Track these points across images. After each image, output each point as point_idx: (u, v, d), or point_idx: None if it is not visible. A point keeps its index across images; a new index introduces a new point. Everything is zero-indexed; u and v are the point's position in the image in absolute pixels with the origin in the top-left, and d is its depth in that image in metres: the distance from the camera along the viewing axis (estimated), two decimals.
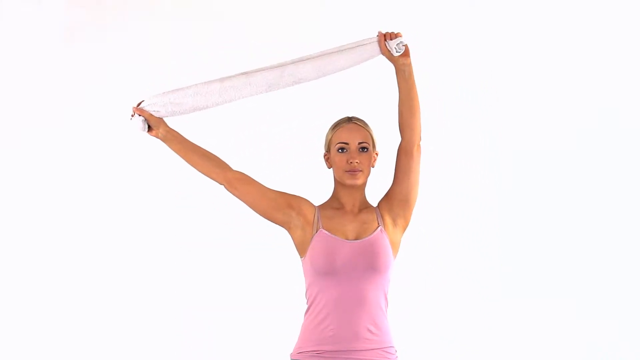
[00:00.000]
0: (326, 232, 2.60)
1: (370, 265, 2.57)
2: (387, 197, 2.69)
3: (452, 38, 4.38)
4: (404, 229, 2.69)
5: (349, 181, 2.62)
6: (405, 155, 2.64)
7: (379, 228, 2.62)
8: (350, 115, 2.70)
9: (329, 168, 2.70)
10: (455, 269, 4.34)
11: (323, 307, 2.57)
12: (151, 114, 2.70)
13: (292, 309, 3.03)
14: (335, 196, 2.69)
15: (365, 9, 4.34)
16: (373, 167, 2.68)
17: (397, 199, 2.66)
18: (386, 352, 2.59)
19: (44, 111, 4.29)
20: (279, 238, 2.94)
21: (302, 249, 2.63)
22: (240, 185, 2.66)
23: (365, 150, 2.64)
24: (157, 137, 2.73)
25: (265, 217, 2.67)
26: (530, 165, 4.38)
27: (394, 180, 2.68)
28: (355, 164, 2.61)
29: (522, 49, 4.40)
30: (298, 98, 4.15)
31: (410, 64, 2.62)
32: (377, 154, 2.69)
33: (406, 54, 2.62)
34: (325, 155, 2.70)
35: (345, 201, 2.67)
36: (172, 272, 4.29)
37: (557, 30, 4.40)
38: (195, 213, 4.29)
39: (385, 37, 2.61)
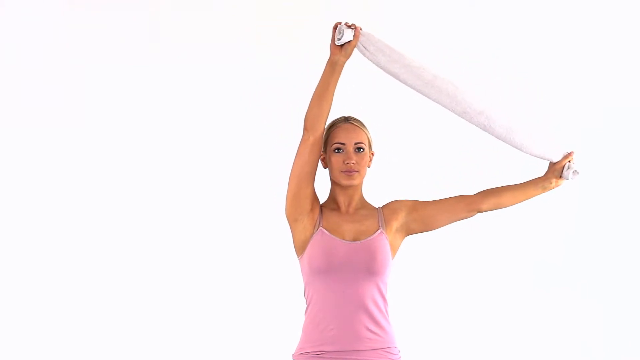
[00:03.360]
0: (325, 231, 2.60)
1: (367, 267, 2.57)
2: (413, 206, 2.69)
3: (453, 38, 4.38)
4: (405, 237, 2.70)
5: (345, 181, 2.62)
6: (466, 206, 2.68)
7: (379, 230, 2.62)
8: (346, 115, 2.70)
9: (325, 168, 2.69)
10: (458, 268, 4.33)
11: (321, 307, 2.57)
12: (358, 43, 2.56)
13: (294, 308, 3.03)
14: (332, 196, 2.69)
15: (361, 10, 4.34)
16: (369, 167, 2.68)
17: (422, 216, 2.67)
18: (388, 352, 2.59)
19: (44, 111, 4.29)
20: (280, 237, 2.94)
21: (301, 247, 2.63)
22: (316, 151, 2.58)
23: (362, 150, 2.63)
24: (333, 58, 2.56)
25: (291, 194, 2.61)
26: (531, 165, 4.36)
27: (434, 204, 2.69)
28: (352, 164, 2.61)
29: (522, 48, 4.39)
30: (297, 97, 4.15)
31: (550, 189, 2.72)
32: (373, 154, 2.69)
33: (560, 184, 2.71)
34: (321, 155, 2.70)
35: (342, 201, 2.67)
36: (174, 272, 4.29)
37: (560, 30, 4.39)
38: (196, 212, 4.29)
39: (569, 160, 2.69)
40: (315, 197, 2.64)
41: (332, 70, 2.55)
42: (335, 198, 2.68)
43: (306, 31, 4.29)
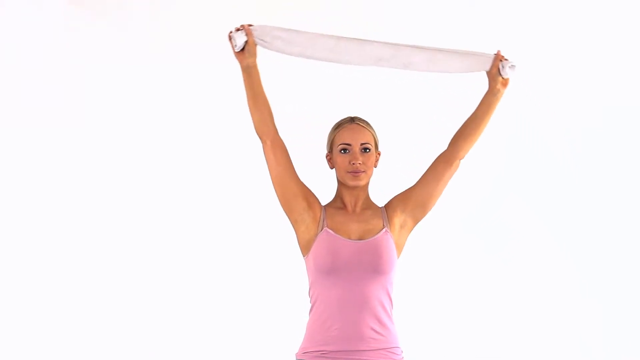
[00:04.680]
0: (330, 231, 2.60)
1: (372, 266, 2.56)
2: (405, 197, 2.69)
3: (453, 38, 4.38)
4: (411, 231, 2.69)
5: (351, 182, 2.62)
6: (445, 163, 2.68)
7: (384, 229, 2.62)
8: (352, 116, 2.70)
9: (331, 168, 2.70)
10: (459, 269, 4.34)
11: (326, 306, 2.57)
12: (255, 40, 2.58)
13: (298, 308, 3.03)
14: (338, 196, 2.69)
15: (361, 10, 4.34)
16: (375, 167, 2.69)
17: (416, 201, 2.67)
18: (392, 352, 2.59)
19: (44, 111, 4.28)
20: (284, 236, 2.94)
21: (305, 247, 2.63)
22: (280, 152, 2.63)
23: (368, 150, 2.64)
24: (242, 64, 2.59)
25: (280, 199, 2.64)
26: (532, 165, 4.38)
27: (420, 182, 2.69)
28: (358, 165, 2.61)
29: (522, 48, 4.39)
30: (300, 98, 4.16)
31: (502, 94, 2.70)
32: (379, 154, 2.69)
33: (506, 83, 2.69)
34: (327, 156, 2.70)
35: (348, 201, 2.67)
36: (177, 271, 4.28)
37: (560, 30, 4.40)
38: (200, 211, 4.29)
39: (502, 57, 2.69)
40: (307, 193, 2.64)
41: (249, 74, 2.59)
42: (342, 198, 2.68)
43: (305, 29, 4.29)
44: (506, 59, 2.68)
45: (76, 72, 4.30)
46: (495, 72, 2.68)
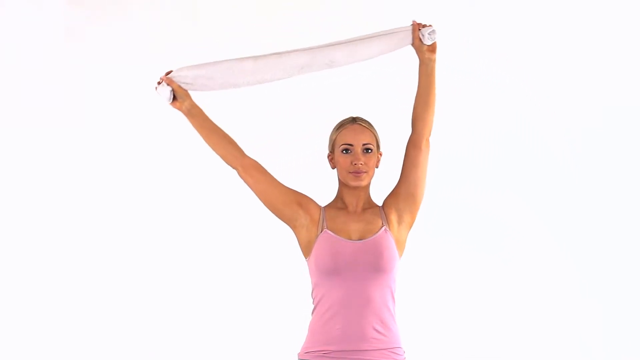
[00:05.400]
0: (330, 232, 2.60)
1: (374, 265, 2.56)
2: (394, 193, 2.68)
3: (453, 38, 4.37)
4: (410, 226, 2.68)
5: (353, 182, 2.62)
6: (414, 148, 2.65)
7: (383, 228, 2.62)
8: (354, 116, 2.70)
9: (333, 168, 2.70)
10: (459, 269, 4.34)
11: (329, 307, 2.57)
12: (179, 85, 2.64)
13: (300, 308, 3.03)
14: (339, 196, 2.69)
15: (361, 10, 4.34)
16: (377, 167, 2.68)
17: (404, 194, 2.66)
18: (393, 352, 2.59)
19: (44, 111, 4.28)
20: (287, 237, 2.93)
21: (306, 249, 2.63)
22: (255, 172, 2.65)
23: (370, 151, 2.64)
24: (181, 110, 2.66)
25: (272, 211, 2.66)
26: (532, 164, 4.38)
27: (401, 175, 2.68)
28: (360, 165, 2.61)
29: (523, 48, 4.40)
30: (301, 98, 4.15)
31: (435, 60, 2.65)
32: (381, 154, 2.69)
33: (433, 49, 2.65)
34: (329, 156, 2.70)
35: (349, 201, 2.67)
36: (179, 272, 4.28)
37: (560, 29, 4.40)
38: (202, 212, 4.29)
39: (418, 26, 2.64)
40: (298, 197, 2.65)
41: (193, 116, 2.66)
42: (343, 198, 2.68)
43: (305, 31, 4.29)
44: (424, 26, 2.65)
45: (76, 72, 4.29)
46: (419, 43, 2.64)
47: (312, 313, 2.63)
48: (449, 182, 4.32)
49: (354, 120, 2.68)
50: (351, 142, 2.63)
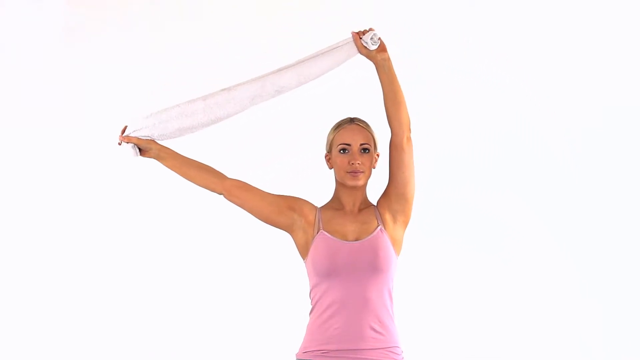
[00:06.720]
0: (326, 233, 2.61)
1: (371, 265, 2.56)
2: (385, 194, 2.68)
3: (453, 38, 4.38)
4: (406, 224, 2.68)
5: (350, 182, 2.62)
6: (396, 149, 2.63)
7: (379, 227, 2.62)
8: (352, 116, 2.70)
9: (330, 169, 2.70)
10: (459, 269, 4.34)
11: (327, 307, 2.57)
12: (139, 138, 2.69)
13: (298, 309, 3.03)
14: (336, 197, 2.70)
15: (361, 10, 4.34)
16: (374, 168, 2.68)
17: (395, 195, 2.65)
18: (391, 352, 2.59)
19: (44, 111, 4.29)
20: (285, 238, 2.94)
21: (304, 250, 2.64)
22: (240, 192, 2.67)
23: (367, 151, 2.64)
24: (151, 157, 2.73)
25: (267, 223, 2.68)
26: (532, 164, 4.38)
27: (389, 177, 2.67)
28: (357, 165, 2.61)
29: (523, 48, 4.40)
30: (299, 99, 4.15)
31: (388, 58, 2.62)
32: (378, 155, 2.69)
33: (383, 48, 2.61)
34: (326, 156, 2.70)
35: (346, 201, 2.67)
36: (178, 272, 4.29)
37: (560, 29, 4.40)
38: (201, 212, 4.29)
39: (359, 35, 2.61)
40: (290, 202, 2.65)
41: (163, 159, 2.72)
42: (340, 198, 2.68)
43: (305, 31, 4.29)
44: (364, 33, 2.61)
45: (76, 72, 4.30)
46: (366, 51, 2.61)
47: (310, 313, 2.63)
48: (448, 181, 4.32)
49: (351, 120, 2.68)
50: (349, 142, 2.63)
